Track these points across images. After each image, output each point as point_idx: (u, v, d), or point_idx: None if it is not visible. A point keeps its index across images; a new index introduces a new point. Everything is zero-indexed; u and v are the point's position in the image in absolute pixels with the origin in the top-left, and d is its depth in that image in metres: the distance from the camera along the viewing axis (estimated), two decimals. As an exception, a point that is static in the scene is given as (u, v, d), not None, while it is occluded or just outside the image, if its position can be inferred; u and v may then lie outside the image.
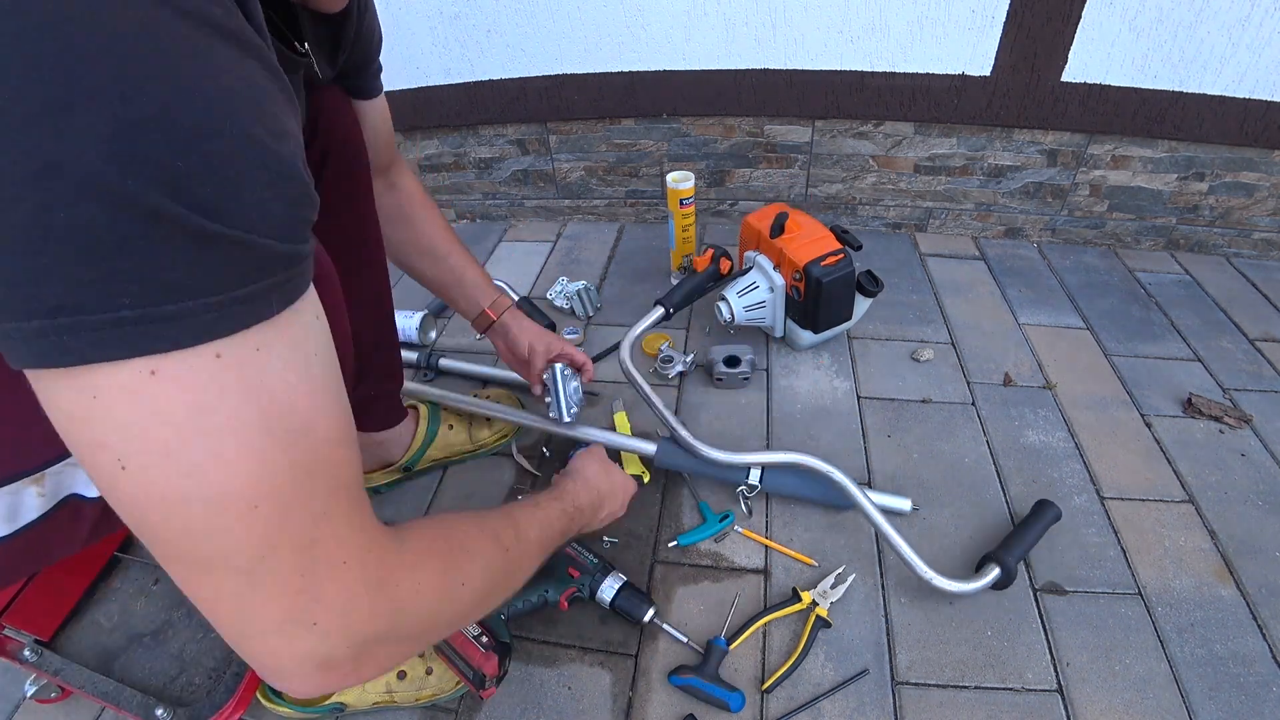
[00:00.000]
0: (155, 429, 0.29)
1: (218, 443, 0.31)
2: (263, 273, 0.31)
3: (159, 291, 0.27)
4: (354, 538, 0.38)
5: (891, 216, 1.58)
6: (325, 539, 0.36)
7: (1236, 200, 1.41)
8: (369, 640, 0.39)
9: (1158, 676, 0.77)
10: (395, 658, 0.43)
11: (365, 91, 0.78)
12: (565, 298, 1.39)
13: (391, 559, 0.40)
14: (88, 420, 0.29)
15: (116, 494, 0.31)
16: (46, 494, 0.46)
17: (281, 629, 0.35)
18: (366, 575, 0.38)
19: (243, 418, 0.31)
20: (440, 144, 1.66)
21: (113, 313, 0.27)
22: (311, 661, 0.37)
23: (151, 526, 0.32)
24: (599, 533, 0.94)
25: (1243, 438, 1.05)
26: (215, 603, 0.35)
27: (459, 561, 0.47)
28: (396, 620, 0.40)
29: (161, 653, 0.77)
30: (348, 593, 0.37)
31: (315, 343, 0.35)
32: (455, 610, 0.47)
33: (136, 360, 0.28)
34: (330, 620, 0.36)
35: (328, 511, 0.36)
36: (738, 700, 0.75)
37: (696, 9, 1.33)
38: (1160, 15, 1.19)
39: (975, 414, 1.11)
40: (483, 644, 0.74)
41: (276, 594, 0.34)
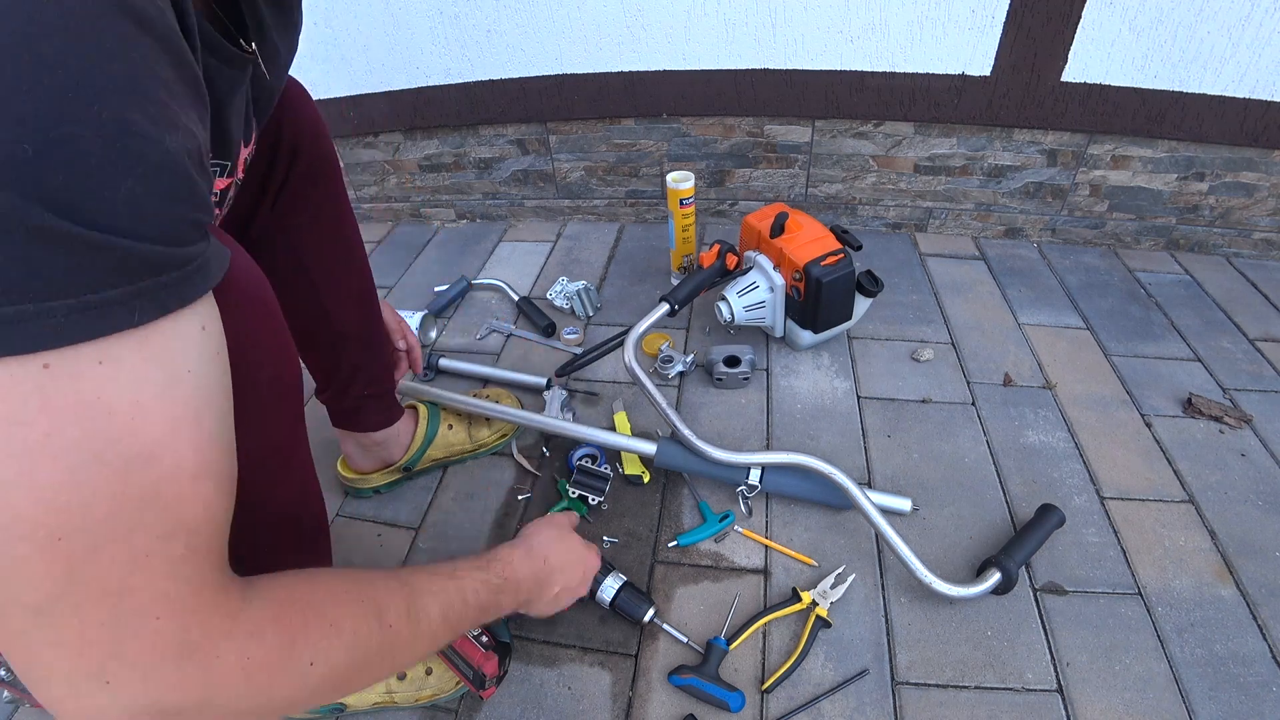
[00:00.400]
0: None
1: (27, 461, 0.27)
2: (121, 277, 0.28)
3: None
4: (176, 590, 0.33)
5: (891, 216, 1.58)
6: (139, 589, 0.31)
7: (1236, 200, 1.41)
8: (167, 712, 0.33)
9: (1158, 676, 0.77)
10: None
11: None
12: (565, 298, 1.39)
13: (218, 622, 0.35)
14: None
15: None
16: None
17: (70, 680, 0.31)
18: (182, 638, 0.33)
19: (65, 437, 0.28)
20: (440, 144, 1.66)
21: None
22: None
23: None
24: (607, 527, 0.94)
25: (1243, 438, 1.05)
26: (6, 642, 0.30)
27: (312, 636, 0.40)
28: (208, 695, 0.34)
29: None
30: (154, 655, 0.32)
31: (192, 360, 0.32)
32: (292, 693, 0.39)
33: None
34: (126, 682, 0.32)
35: (150, 556, 0.31)
36: (738, 700, 0.75)
37: (696, 9, 1.33)
38: (1160, 15, 1.19)
39: (975, 414, 1.11)
40: (483, 644, 0.74)
41: (69, 641, 0.30)
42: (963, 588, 0.81)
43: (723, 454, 0.92)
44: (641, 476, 1.01)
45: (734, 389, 1.17)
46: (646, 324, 1.07)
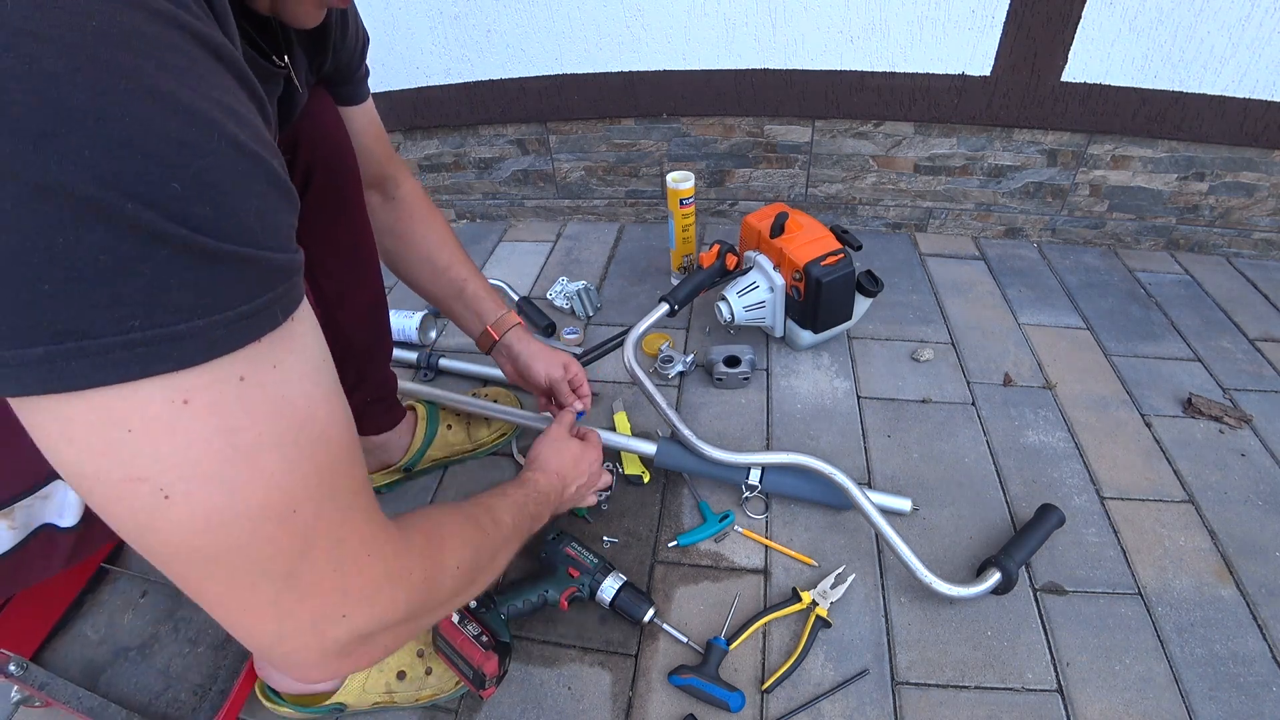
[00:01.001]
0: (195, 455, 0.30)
1: (253, 460, 0.31)
2: (266, 286, 0.31)
3: (167, 312, 0.27)
4: (373, 533, 0.40)
5: (891, 216, 1.58)
6: (350, 536, 0.38)
7: (1236, 200, 1.41)
8: (387, 626, 0.41)
9: (1158, 676, 0.77)
10: (404, 639, 0.45)
11: (351, 97, 0.76)
12: (565, 298, 1.39)
13: (402, 549, 0.43)
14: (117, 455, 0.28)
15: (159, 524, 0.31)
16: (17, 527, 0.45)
17: (316, 625, 0.37)
18: (386, 566, 0.40)
19: (272, 433, 0.32)
20: (440, 144, 1.66)
21: (121, 335, 0.26)
22: (335, 653, 0.39)
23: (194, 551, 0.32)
24: (607, 527, 0.94)
25: (1243, 438, 1.05)
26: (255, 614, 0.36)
27: (449, 547, 0.51)
28: (409, 607, 0.43)
29: (147, 667, 0.77)
30: (372, 585, 0.39)
31: (319, 350, 0.36)
32: (451, 590, 0.50)
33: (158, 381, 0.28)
34: (358, 612, 0.39)
35: (351, 509, 0.38)
36: (738, 700, 0.75)
37: (696, 9, 1.33)
38: (1160, 15, 1.19)
39: (975, 414, 1.11)
40: (483, 644, 0.73)
41: (313, 592, 0.36)
42: (962, 588, 0.81)
43: (722, 454, 0.92)
44: (641, 476, 1.01)
45: (734, 389, 1.17)
46: (646, 324, 1.07)
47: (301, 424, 0.34)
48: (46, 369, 0.26)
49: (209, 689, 0.75)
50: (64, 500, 0.45)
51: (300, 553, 0.35)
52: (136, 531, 0.31)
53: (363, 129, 0.79)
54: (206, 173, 0.27)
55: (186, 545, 0.32)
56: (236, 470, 0.31)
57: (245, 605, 0.35)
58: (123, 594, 0.84)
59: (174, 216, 0.26)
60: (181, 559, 0.33)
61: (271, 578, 0.34)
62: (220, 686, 0.74)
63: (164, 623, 0.81)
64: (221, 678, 0.75)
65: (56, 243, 0.24)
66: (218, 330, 0.29)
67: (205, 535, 0.31)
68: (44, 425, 0.28)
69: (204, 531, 0.31)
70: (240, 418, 0.31)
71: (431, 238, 0.88)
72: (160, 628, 0.81)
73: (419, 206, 0.89)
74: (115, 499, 0.30)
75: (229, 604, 0.35)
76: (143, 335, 0.27)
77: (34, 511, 0.45)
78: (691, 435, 0.93)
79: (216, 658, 0.77)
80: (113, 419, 0.28)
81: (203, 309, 0.28)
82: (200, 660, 0.77)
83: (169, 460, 0.29)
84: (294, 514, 0.34)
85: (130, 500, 0.30)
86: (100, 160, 0.24)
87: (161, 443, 0.29)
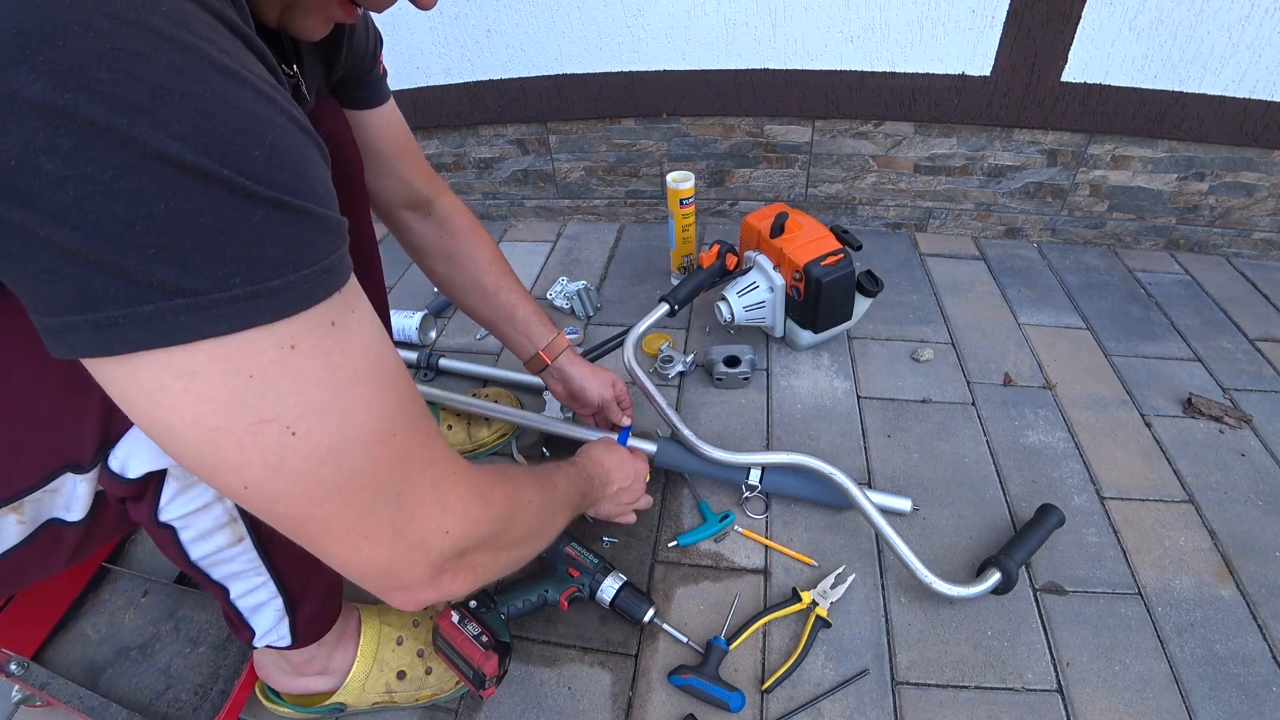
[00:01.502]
0: (309, 392, 0.33)
1: (354, 391, 0.35)
2: (336, 241, 0.34)
3: (265, 267, 0.30)
4: (452, 455, 0.44)
5: (891, 216, 1.58)
6: (438, 457, 0.42)
7: (1236, 200, 1.41)
8: (479, 542, 0.45)
9: (1158, 676, 0.77)
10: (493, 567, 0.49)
11: (366, 100, 0.75)
12: (565, 298, 1.39)
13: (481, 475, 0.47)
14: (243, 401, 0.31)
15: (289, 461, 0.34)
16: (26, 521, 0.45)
17: (424, 542, 0.41)
18: (472, 485, 0.45)
19: (361, 368, 0.36)
20: (440, 144, 1.66)
21: (227, 291, 0.29)
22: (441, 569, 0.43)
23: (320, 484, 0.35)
24: (607, 527, 0.94)
25: (1243, 438, 1.05)
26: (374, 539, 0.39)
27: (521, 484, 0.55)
28: (495, 523, 0.47)
29: (149, 667, 0.77)
30: (465, 500, 0.44)
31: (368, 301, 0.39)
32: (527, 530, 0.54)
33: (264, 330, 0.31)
34: (456, 525, 0.43)
35: (431, 434, 0.41)
36: (738, 700, 0.75)
37: (696, 9, 1.33)
38: (1160, 15, 1.19)
39: (975, 414, 1.11)
40: (483, 644, 0.73)
41: (419, 510, 0.40)
42: (963, 588, 0.81)
43: (722, 454, 0.92)
44: (641, 476, 1.01)
45: (734, 389, 1.17)
46: (646, 324, 1.07)
47: (378, 359, 0.37)
48: (159, 323, 0.28)
49: (210, 689, 0.74)
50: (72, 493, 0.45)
51: (404, 473, 0.39)
52: (267, 475, 0.34)
53: (381, 132, 0.77)
54: (279, 142, 0.30)
55: (315, 478, 0.35)
56: (344, 401, 0.35)
57: (366, 532, 0.38)
58: (124, 593, 0.84)
59: (262, 180, 0.29)
60: (308, 496, 0.35)
61: (385, 499, 0.38)
62: (221, 687, 0.74)
63: (165, 622, 0.81)
64: (223, 678, 0.75)
65: (159, 208, 0.27)
66: (308, 282, 0.32)
67: (329, 465, 0.35)
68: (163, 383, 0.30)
69: (327, 461, 0.35)
70: (337, 356, 0.34)
71: (478, 259, 0.88)
72: (161, 627, 0.81)
73: (461, 223, 0.87)
74: (246, 445, 0.32)
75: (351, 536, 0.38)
76: (245, 290, 0.30)
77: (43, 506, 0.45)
78: (691, 435, 0.93)
79: (218, 658, 0.77)
80: (235, 367, 0.31)
81: (293, 264, 0.31)
82: (201, 660, 0.77)
83: (290, 399, 0.32)
84: (393, 437, 0.37)
85: (261, 443, 0.32)
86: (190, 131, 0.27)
87: (280, 384, 0.32)
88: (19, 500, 0.44)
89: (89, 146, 0.25)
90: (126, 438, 0.44)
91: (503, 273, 0.90)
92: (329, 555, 0.39)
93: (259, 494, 0.34)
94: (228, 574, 0.56)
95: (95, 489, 0.46)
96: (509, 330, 0.91)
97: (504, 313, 0.90)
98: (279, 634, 0.63)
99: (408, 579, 0.42)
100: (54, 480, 0.44)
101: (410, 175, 0.82)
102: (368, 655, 0.73)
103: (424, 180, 0.84)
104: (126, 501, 0.48)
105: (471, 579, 0.46)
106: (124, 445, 0.44)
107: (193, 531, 0.51)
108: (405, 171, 0.81)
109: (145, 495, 0.47)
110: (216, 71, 0.28)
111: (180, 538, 0.51)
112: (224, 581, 0.57)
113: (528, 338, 0.91)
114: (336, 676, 0.72)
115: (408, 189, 0.82)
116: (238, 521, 0.53)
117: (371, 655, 0.74)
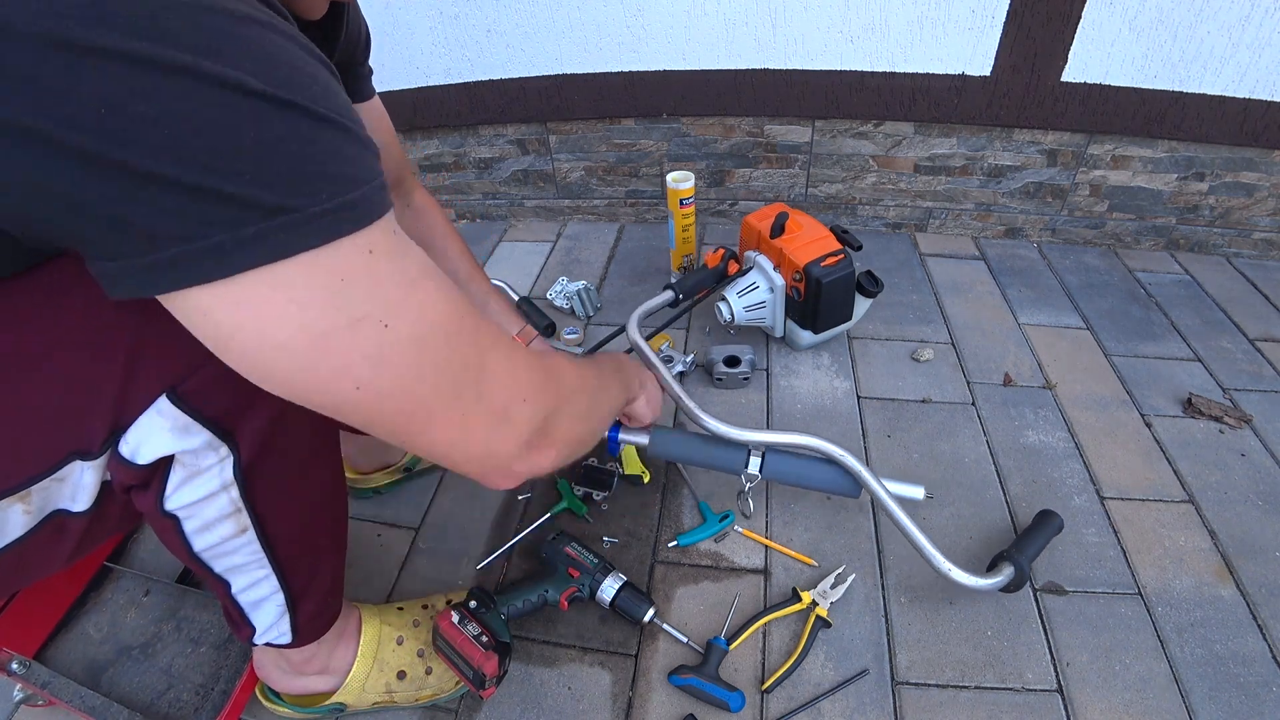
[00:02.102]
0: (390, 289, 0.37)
1: (423, 286, 0.39)
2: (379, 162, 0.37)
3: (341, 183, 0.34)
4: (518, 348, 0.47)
5: (891, 216, 1.58)
6: (500, 340, 0.45)
7: (1236, 200, 1.41)
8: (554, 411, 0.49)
9: (1158, 676, 0.77)
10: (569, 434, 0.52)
11: (357, 92, 0.77)
12: (565, 298, 1.39)
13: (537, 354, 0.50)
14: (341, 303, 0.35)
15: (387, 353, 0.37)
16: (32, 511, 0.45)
17: (510, 416, 0.45)
18: (532, 359, 0.48)
19: (420, 267, 0.39)
20: (440, 144, 1.66)
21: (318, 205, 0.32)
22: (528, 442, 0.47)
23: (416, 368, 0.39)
24: (607, 527, 0.94)
25: (1243, 438, 1.05)
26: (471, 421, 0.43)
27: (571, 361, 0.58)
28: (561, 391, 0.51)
29: (150, 666, 0.77)
30: (534, 375, 0.47)
31: None
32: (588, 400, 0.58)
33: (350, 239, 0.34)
34: (533, 396, 0.46)
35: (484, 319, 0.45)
36: (738, 700, 0.75)
37: (696, 9, 1.33)
38: (1160, 15, 1.19)
39: (975, 414, 1.11)
40: (483, 644, 0.73)
41: (500, 386, 0.44)
42: (979, 578, 0.79)
43: (726, 429, 0.88)
44: (641, 476, 1.01)
45: (734, 389, 1.17)
46: (650, 304, 1.09)
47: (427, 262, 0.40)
48: (263, 244, 0.31)
49: (211, 689, 0.74)
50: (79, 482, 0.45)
51: (480, 354, 0.43)
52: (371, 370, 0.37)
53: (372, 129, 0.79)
54: (325, 83, 0.34)
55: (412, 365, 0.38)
56: (421, 294, 0.39)
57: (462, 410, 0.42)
58: (126, 592, 0.84)
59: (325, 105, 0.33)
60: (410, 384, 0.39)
61: (472, 380, 0.42)
62: (223, 687, 0.74)
63: (167, 621, 0.81)
64: (224, 678, 0.75)
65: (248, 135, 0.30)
66: (375, 195, 0.36)
67: (420, 351, 0.38)
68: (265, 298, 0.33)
69: (418, 348, 0.38)
70: (404, 259, 0.38)
71: (450, 250, 0.90)
72: (163, 627, 0.81)
73: (436, 215, 0.90)
74: (349, 344, 0.36)
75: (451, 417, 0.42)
76: (330, 205, 0.33)
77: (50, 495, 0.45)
78: (695, 407, 0.89)
79: (219, 658, 0.77)
80: (330, 275, 0.34)
81: (362, 179, 0.35)
82: (203, 660, 0.77)
83: (379, 297, 0.36)
84: (463, 320, 0.41)
85: (361, 340, 0.36)
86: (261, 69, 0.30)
87: (368, 284, 0.36)
88: (26, 489, 0.44)
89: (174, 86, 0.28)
90: (139, 423, 0.44)
91: (474, 265, 0.93)
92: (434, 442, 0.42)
93: (370, 390, 0.37)
94: (230, 567, 0.56)
95: (101, 479, 0.46)
96: None
97: (478, 301, 0.92)
98: (280, 631, 0.63)
99: (503, 454, 0.46)
100: (62, 468, 0.44)
101: (393, 167, 0.84)
102: (368, 655, 0.73)
103: (403, 173, 0.87)
104: (132, 491, 0.48)
105: (555, 453, 0.50)
106: (135, 430, 0.44)
107: (196, 522, 0.51)
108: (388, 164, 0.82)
109: (152, 483, 0.48)
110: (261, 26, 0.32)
111: (184, 528, 0.51)
112: (226, 575, 0.57)
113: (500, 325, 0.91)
114: (336, 676, 0.72)
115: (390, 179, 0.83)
116: (242, 512, 0.52)
117: (372, 655, 0.74)
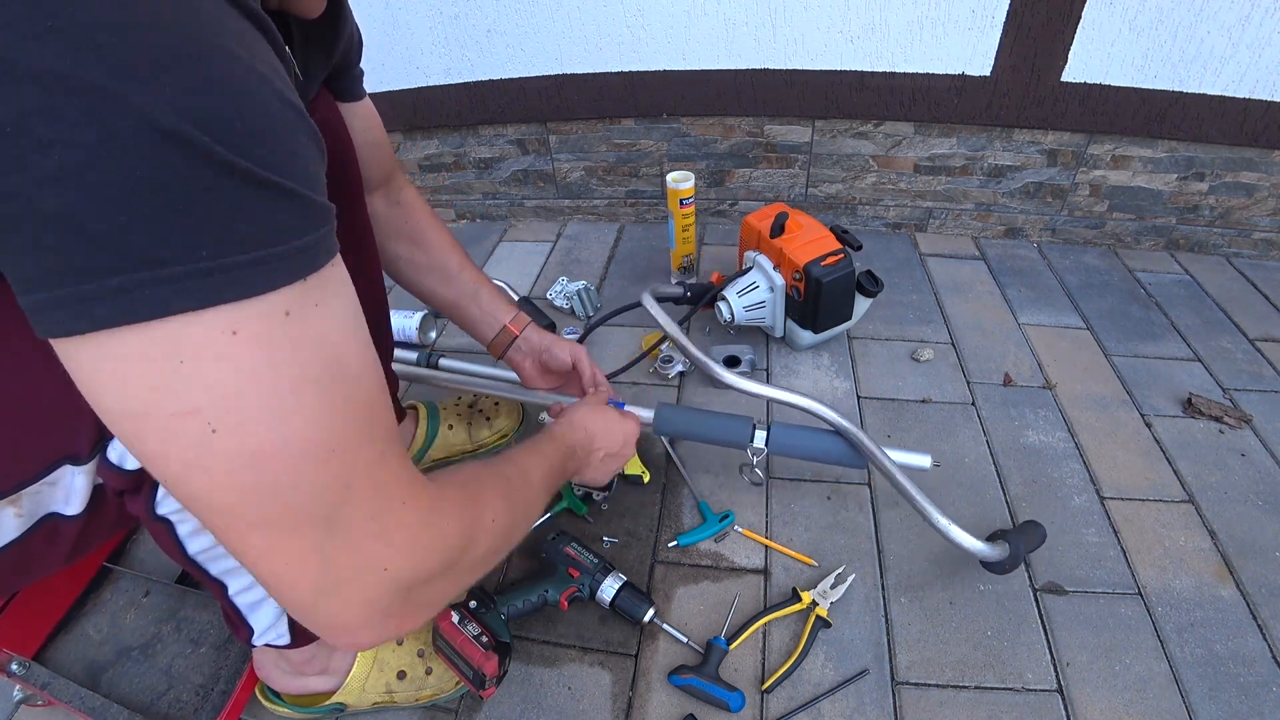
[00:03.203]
0: (242, 387, 0.30)
1: (295, 395, 0.32)
2: (312, 224, 0.32)
3: (233, 242, 0.28)
4: (409, 480, 0.39)
5: (891, 216, 1.58)
6: (387, 482, 0.37)
7: (1236, 200, 1.41)
8: (426, 580, 0.40)
9: (1158, 676, 0.77)
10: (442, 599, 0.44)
11: (347, 93, 0.76)
12: (565, 298, 1.39)
13: (439, 500, 0.42)
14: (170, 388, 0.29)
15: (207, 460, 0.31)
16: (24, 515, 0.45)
17: (358, 575, 0.37)
18: (423, 516, 0.40)
19: (312, 370, 0.32)
20: (440, 144, 1.66)
21: (194, 263, 0.28)
22: (379, 609, 0.38)
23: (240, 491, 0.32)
24: (608, 527, 0.94)
25: (1243, 438, 1.05)
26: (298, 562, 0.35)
27: (485, 499, 0.49)
28: (446, 556, 0.42)
29: (150, 667, 0.77)
30: (411, 534, 0.39)
31: (352, 298, 0.36)
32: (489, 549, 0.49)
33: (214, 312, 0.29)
34: (398, 562, 0.38)
35: (386, 456, 0.37)
36: (738, 700, 0.75)
37: (696, 9, 1.33)
38: (1160, 15, 1.19)
39: (975, 414, 1.11)
40: (483, 644, 0.73)
41: (354, 539, 0.36)
42: (975, 541, 0.79)
43: (741, 381, 0.89)
44: (641, 476, 1.01)
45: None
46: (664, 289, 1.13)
47: (339, 364, 0.34)
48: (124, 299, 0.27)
49: (211, 689, 0.74)
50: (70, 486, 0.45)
51: (341, 496, 0.35)
52: (185, 472, 0.31)
53: (363, 128, 0.79)
54: (264, 118, 0.29)
55: (234, 484, 0.32)
56: (280, 404, 0.31)
57: (289, 553, 0.35)
58: (125, 593, 0.84)
59: (241, 152, 0.28)
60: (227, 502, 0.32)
61: (314, 521, 0.34)
62: (222, 687, 0.74)
63: (166, 622, 0.81)
64: (224, 678, 0.75)
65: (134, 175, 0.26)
66: (274, 262, 0.30)
67: (250, 472, 0.32)
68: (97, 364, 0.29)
69: (249, 468, 0.31)
70: (284, 352, 0.31)
71: (440, 242, 0.89)
72: (163, 627, 0.81)
73: (424, 211, 0.89)
74: (166, 436, 0.30)
75: (273, 552, 0.35)
76: (211, 265, 0.28)
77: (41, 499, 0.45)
78: (703, 355, 0.91)
79: (219, 658, 0.77)
80: (168, 351, 0.28)
81: (263, 241, 0.29)
82: (203, 660, 0.77)
83: (217, 391, 0.30)
84: (333, 454, 0.34)
85: (180, 436, 0.30)
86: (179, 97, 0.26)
87: (211, 374, 0.29)
88: (17, 493, 0.43)
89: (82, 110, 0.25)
90: None
91: (463, 256, 0.91)
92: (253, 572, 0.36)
93: (178, 490, 0.32)
94: (226, 569, 0.56)
95: (93, 482, 0.46)
96: (473, 309, 0.90)
97: (469, 290, 0.89)
98: (278, 632, 0.63)
99: (340, 619, 0.38)
100: (52, 472, 0.43)
101: (383, 165, 0.84)
102: (368, 655, 0.74)
103: (392, 171, 0.86)
104: (124, 494, 0.48)
105: (422, 618, 0.42)
106: None
107: (190, 525, 0.51)
108: (380, 162, 0.83)
109: (142, 488, 0.47)
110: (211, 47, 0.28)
111: (177, 531, 0.51)
112: (222, 577, 0.57)
113: (493, 314, 0.90)
114: (336, 676, 0.72)
115: (379, 178, 0.84)
116: None
117: (371, 655, 0.74)
